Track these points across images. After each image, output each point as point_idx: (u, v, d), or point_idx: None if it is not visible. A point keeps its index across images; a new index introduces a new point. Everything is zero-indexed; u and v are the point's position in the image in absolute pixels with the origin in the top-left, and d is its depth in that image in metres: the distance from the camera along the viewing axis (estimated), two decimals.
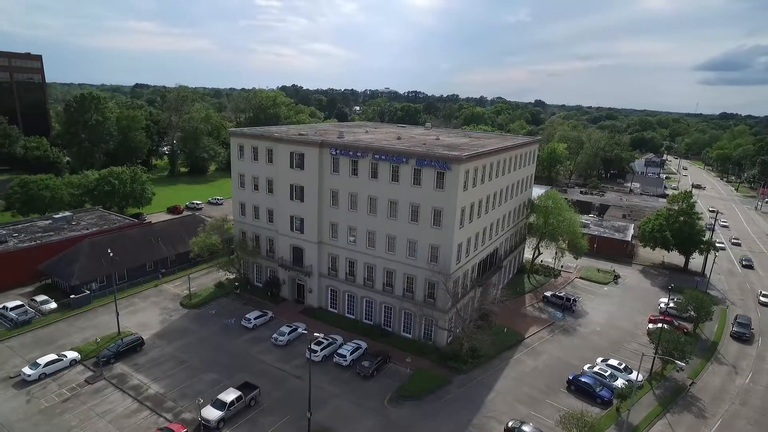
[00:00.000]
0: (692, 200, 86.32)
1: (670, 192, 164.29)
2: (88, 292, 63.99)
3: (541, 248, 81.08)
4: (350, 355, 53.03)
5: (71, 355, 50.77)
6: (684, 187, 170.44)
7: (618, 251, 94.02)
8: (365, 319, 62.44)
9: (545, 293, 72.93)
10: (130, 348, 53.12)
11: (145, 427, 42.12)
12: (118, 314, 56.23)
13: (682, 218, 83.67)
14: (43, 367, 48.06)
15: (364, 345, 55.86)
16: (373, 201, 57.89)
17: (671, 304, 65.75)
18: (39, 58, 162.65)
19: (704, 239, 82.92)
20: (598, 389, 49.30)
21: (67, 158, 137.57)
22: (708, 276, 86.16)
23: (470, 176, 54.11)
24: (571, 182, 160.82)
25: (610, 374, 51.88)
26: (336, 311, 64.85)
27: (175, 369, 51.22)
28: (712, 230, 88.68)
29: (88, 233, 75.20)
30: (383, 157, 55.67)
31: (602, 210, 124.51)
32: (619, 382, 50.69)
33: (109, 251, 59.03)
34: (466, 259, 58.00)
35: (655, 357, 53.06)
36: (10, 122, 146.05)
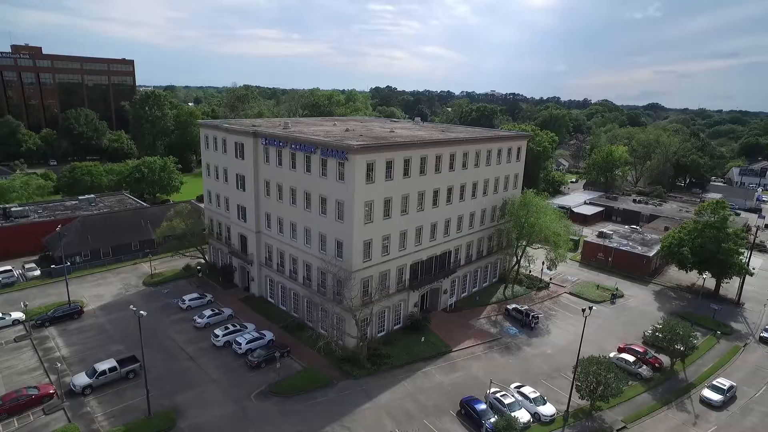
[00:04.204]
0: (725, 212, 70.97)
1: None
2: (69, 263, 71.83)
3: (519, 256, 72.72)
4: (246, 343, 52.69)
5: (16, 315, 57.43)
6: None
7: (636, 267, 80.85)
8: (294, 311, 61.56)
9: (507, 306, 65.42)
10: (67, 315, 58.55)
11: (27, 384, 46.07)
12: (67, 285, 62.17)
13: (708, 232, 69.21)
14: None
15: (269, 336, 55.15)
16: (293, 192, 56.92)
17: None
18: (132, 62, 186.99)
19: (734, 261, 67.51)
20: (486, 418, 42.77)
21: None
22: (742, 305, 70.68)
23: (377, 168, 50.37)
24: (633, 189, 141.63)
25: (512, 403, 44.71)
26: (273, 301, 64.89)
27: (93, 337, 55.39)
28: (750, 251, 71.81)
29: (97, 213, 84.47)
30: (298, 147, 54.43)
31: (650, 221, 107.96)
32: (520, 414, 43.57)
33: (58, 228, 65.54)
34: (382, 258, 54.15)
35: (571, 390, 44.70)
36: (106, 119, 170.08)
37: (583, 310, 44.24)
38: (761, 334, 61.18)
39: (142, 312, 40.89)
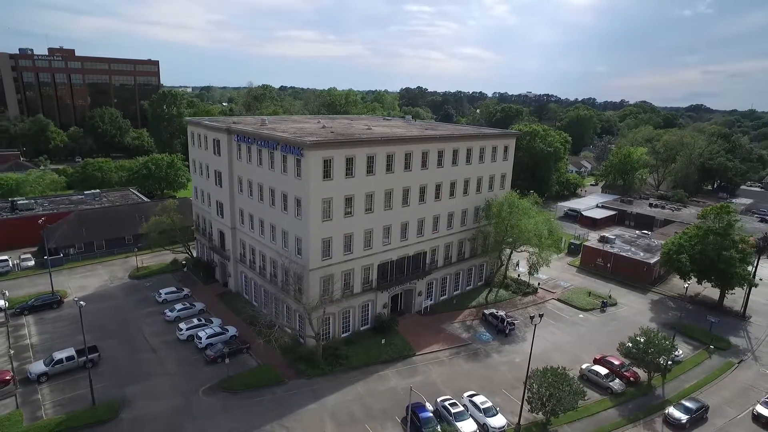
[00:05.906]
0: (731, 217, 65.80)
1: None
2: (62, 255, 74.47)
3: (505, 259, 69.94)
4: (207, 338, 52.83)
5: None
6: None
7: (636, 274, 76.37)
8: (264, 308, 61.32)
9: (484, 311, 62.97)
10: (46, 304, 60.51)
11: None
12: (50, 275, 64.24)
13: (710, 239, 64.36)
14: None
15: (233, 331, 55.14)
16: (261, 188, 56.72)
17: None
18: (156, 63, 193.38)
19: (736, 270, 62.37)
20: (427, 427, 40.92)
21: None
22: (748, 318, 65.44)
23: (336, 165, 49.34)
24: (654, 193, 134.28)
25: (459, 413, 42.61)
26: (247, 297, 64.94)
27: (64, 327, 56.83)
28: (757, 260, 66.14)
29: (95, 207, 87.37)
30: (263, 143, 54.16)
31: (664, 226, 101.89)
32: (466, 424, 41.51)
33: (40, 221, 67.84)
34: (345, 256, 53.07)
35: (522, 402, 42.21)
36: (131, 117, 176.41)
37: (532, 318, 41.72)
38: (666, 412, 45.01)
39: (81, 302, 41.48)
